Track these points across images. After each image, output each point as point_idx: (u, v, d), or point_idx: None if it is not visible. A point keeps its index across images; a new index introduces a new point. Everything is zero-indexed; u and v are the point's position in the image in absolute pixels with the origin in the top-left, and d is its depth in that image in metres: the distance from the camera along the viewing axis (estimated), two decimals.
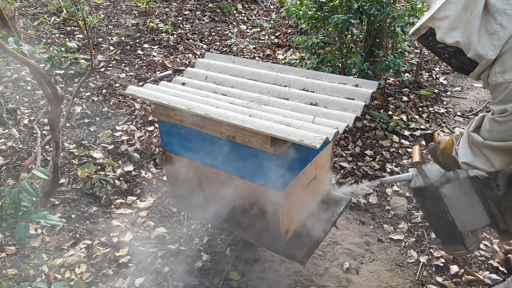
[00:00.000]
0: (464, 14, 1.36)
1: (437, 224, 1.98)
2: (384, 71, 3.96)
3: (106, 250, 2.55)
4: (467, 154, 1.57)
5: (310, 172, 2.07)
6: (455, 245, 1.96)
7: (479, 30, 1.36)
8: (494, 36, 1.35)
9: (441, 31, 1.42)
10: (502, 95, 1.37)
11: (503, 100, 1.38)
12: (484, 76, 1.47)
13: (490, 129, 1.46)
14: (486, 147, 1.48)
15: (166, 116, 2.05)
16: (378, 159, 3.45)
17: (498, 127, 1.42)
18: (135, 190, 3.11)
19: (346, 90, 1.93)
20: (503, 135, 1.42)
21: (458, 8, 1.36)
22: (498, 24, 1.34)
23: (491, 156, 1.49)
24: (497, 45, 1.35)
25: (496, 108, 1.41)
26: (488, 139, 1.47)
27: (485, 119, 1.49)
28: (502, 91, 1.37)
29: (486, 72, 1.45)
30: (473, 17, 1.35)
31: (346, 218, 2.82)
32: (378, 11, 3.65)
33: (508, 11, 1.33)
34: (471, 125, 1.58)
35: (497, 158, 1.48)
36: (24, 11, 7.14)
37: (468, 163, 1.57)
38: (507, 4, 1.33)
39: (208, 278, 2.36)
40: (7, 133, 3.82)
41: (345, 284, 2.32)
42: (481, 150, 1.51)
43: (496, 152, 1.47)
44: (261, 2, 8.36)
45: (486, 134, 1.48)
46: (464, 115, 4.15)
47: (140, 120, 4.05)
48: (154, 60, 5.51)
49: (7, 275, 2.38)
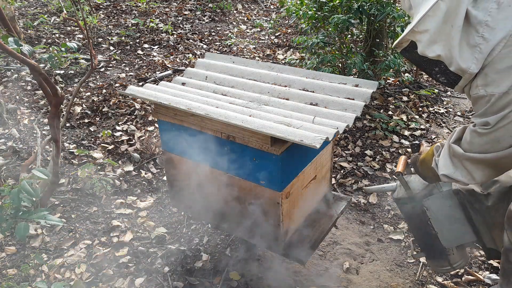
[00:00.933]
0: (445, 27, 1.30)
1: (421, 237, 1.92)
2: (384, 71, 3.96)
3: (106, 250, 2.55)
4: (448, 166, 1.52)
5: (310, 172, 2.07)
6: (440, 261, 1.90)
7: (460, 43, 1.31)
8: (476, 49, 1.30)
9: (421, 44, 1.37)
10: (484, 108, 1.34)
11: (485, 113, 1.34)
12: (467, 90, 1.42)
13: (471, 141, 1.42)
14: (467, 159, 1.45)
15: (166, 116, 2.05)
16: (378, 159, 3.45)
17: (479, 139, 1.38)
18: (135, 190, 3.11)
19: (346, 90, 1.93)
20: (484, 147, 1.39)
21: (438, 21, 1.30)
22: (480, 36, 1.28)
23: (472, 168, 1.45)
24: (480, 58, 1.30)
25: (478, 121, 1.37)
26: (469, 151, 1.43)
27: (467, 130, 1.45)
28: (484, 104, 1.34)
29: (468, 85, 1.40)
30: (453, 30, 1.29)
31: (346, 218, 2.82)
32: (378, 11, 3.65)
33: (490, 23, 1.27)
34: (452, 136, 1.54)
35: (478, 170, 1.44)
36: (24, 11, 7.14)
37: (448, 176, 1.53)
38: (489, 16, 1.27)
39: (208, 278, 2.36)
40: (7, 133, 3.82)
41: (345, 284, 2.32)
42: (461, 162, 1.47)
43: (477, 164, 1.43)
44: (261, 2, 8.36)
45: (467, 146, 1.44)
46: (464, 115, 4.15)
47: (140, 120, 4.05)
48: (154, 60, 5.51)
49: (7, 275, 2.38)
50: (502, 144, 1.34)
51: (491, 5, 1.27)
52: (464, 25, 1.29)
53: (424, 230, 1.87)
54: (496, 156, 1.37)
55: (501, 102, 1.29)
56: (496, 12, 1.27)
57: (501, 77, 1.28)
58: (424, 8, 1.32)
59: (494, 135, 1.34)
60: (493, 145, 1.36)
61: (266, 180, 1.85)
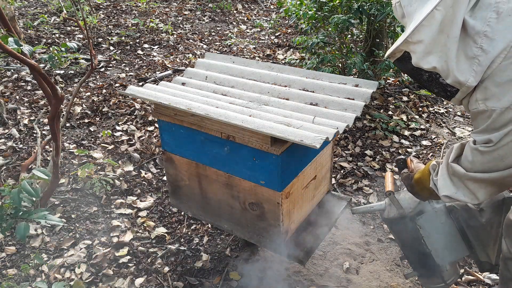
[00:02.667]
0: (440, 38, 1.22)
1: (414, 256, 1.88)
2: (384, 71, 3.96)
3: (106, 250, 2.55)
4: (448, 186, 1.44)
5: (310, 172, 2.07)
6: (433, 278, 1.87)
7: (458, 55, 1.22)
8: (474, 61, 1.21)
9: (416, 55, 1.29)
10: (486, 124, 1.25)
11: (486, 130, 1.26)
12: (465, 103, 1.34)
13: (473, 160, 1.33)
14: (469, 179, 1.37)
15: (166, 116, 2.05)
16: (378, 159, 3.45)
17: (482, 158, 1.30)
18: (135, 190, 3.11)
19: (346, 90, 1.93)
20: (487, 165, 1.31)
21: (433, 31, 1.22)
22: (479, 47, 1.20)
23: (475, 188, 1.37)
24: (478, 71, 1.22)
25: (479, 138, 1.29)
26: (470, 170, 1.35)
27: (466, 148, 1.37)
28: (485, 119, 1.26)
29: (467, 99, 1.32)
30: (450, 41, 1.21)
31: (346, 218, 2.82)
32: (378, 11, 3.65)
33: (489, 33, 1.19)
34: (450, 155, 1.46)
35: (481, 189, 1.36)
36: (24, 11, 7.14)
37: (449, 196, 1.44)
38: (487, 26, 1.19)
39: (208, 278, 2.36)
40: (7, 133, 3.82)
41: (345, 284, 2.32)
42: (463, 182, 1.39)
43: (480, 183, 1.35)
44: (261, 2, 8.36)
45: (469, 165, 1.36)
46: (464, 115, 4.15)
47: (140, 120, 4.05)
48: (154, 60, 5.51)
49: (7, 275, 2.38)
50: (506, 163, 1.27)
51: (489, 14, 1.19)
52: (461, 36, 1.22)
53: (417, 249, 1.83)
54: (501, 175, 1.30)
55: (503, 117, 1.21)
56: (495, 22, 1.19)
57: (502, 91, 1.21)
58: (418, 17, 1.25)
59: (498, 153, 1.27)
60: (496, 163, 1.29)
61: (266, 180, 1.85)
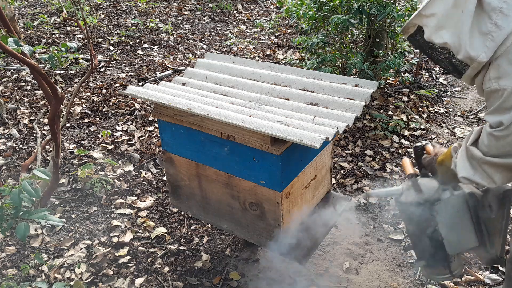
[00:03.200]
0: (454, 12, 1.23)
1: (423, 244, 1.85)
2: (384, 71, 3.96)
3: (106, 250, 2.55)
4: (466, 168, 1.46)
5: (310, 172, 2.07)
6: (440, 268, 1.84)
7: (471, 30, 1.23)
8: (488, 37, 1.22)
9: (428, 29, 1.30)
10: (497, 103, 1.26)
11: (497, 109, 1.27)
12: (479, 82, 1.34)
13: (488, 144, 1.35)
14: (486, 163, 1.38)
15: (166, 116, 2.05)
16: (378, 159, 3.45)
17: (496, 143, 1.31)
18: (135, 190, 3.11)
19: (346, 90, 1.93)
20: (502, 150, 1.32)
21: (447, 4, 1.24)
22: (493, 23, 1.20)
23: (491, 172, 1.38)
24: (491, 47, 1.22)
25: (492, 120, 1.30)
26: (487, 154, 1.36)
27: (483, 132, 1.38)
28: (497, 99, 1.26)
29: (480, 78, 1.33)
30: (464, 15, 1.21)
31: (346, 218, 2.82)
32: (378, 11, 3.65)
33: (505, 10, 1.19)
34: (470, 137, 1.47)
35: (497, 173, 1.37)
36: (24, 11, 7.14)
37: (467, 178, 1.46)
38: (504, 3, 1.19)
39: (208, 278, 2.36)
40: (7, 133, 3.82)
41: (345, 284, 2.32)
42: (480, 165, 1.41)
43: (496, 168, 1.37)
44: (261, 2, 8.36)
45: (485, 148, 1.37)
46: (464, 115, 4.15)
47: (140, 120, 4.05)
48: (154, 60, 5.51)
49: (7, 275, 2.38)
50: None
51: None
52: (476, 11, 1.22)
53: (429, 236, 1.81)
54: None
55: None
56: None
57: None
58: None
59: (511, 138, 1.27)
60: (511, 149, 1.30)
61: (266, 180, 1.85)
